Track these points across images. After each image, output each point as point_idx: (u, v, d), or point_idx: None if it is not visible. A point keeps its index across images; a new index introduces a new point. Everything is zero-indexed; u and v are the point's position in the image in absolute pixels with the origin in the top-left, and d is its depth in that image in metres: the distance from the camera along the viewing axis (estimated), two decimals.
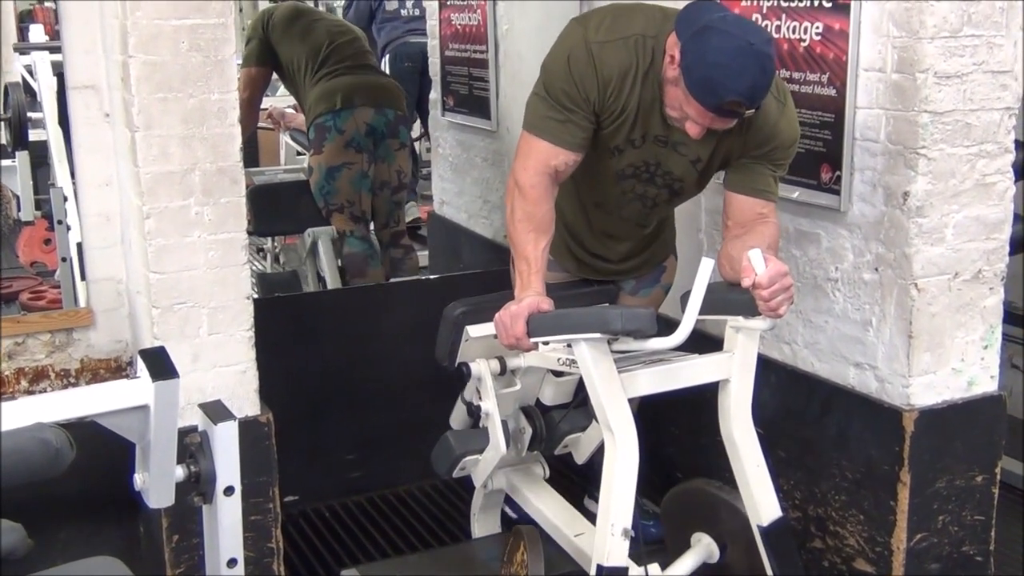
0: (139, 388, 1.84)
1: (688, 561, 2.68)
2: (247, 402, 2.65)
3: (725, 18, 2.32)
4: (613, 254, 2.90)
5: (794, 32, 2.77)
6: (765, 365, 2.71)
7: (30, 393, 2.69)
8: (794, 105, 2.57)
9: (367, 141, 4.41)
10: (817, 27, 2.70)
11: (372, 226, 4.65)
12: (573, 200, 2.80)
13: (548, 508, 2.89)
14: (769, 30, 2.83)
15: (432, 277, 4.45)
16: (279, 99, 6.31)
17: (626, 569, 2.38)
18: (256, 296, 2.99)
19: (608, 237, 2.86)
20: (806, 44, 2.74)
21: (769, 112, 2.46)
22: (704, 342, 2.54)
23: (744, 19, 2.40)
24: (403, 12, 6.69)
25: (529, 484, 3.00)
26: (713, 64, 2.26)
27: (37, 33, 5.52)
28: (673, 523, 2.83)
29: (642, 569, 2.50)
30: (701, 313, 2.32)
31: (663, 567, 2.60)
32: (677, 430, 3.36)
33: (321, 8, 7.21)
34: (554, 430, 2.93)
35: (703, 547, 2.70)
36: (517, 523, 2.98)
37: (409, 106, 6.03)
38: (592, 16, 2.54)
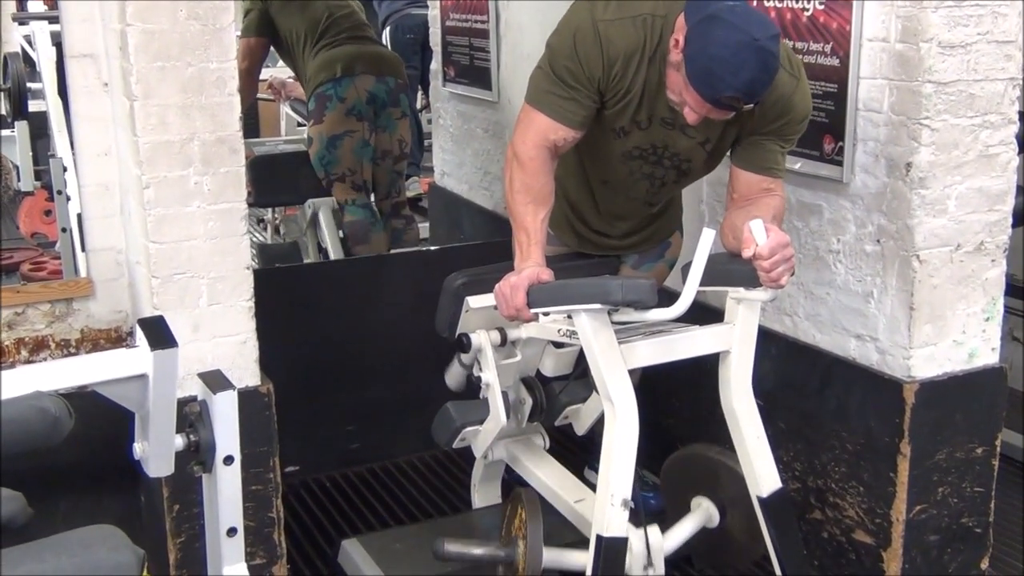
0: (138, 357, 1.84)
1: (688, 525, 2.68)
2: (247, 372, 2.65)
3: (733, 8, 2.25)
4: (616, 231, 2.88)
5: (797, 1, 2.75)
6: (766, 337, 2.71)
7: (30, 363, 2.69)
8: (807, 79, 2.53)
9: (368, 109, 4.40)
10: None
11: (373, 196, 4.64)
12: (578, 177, 2.77)
13: (548, 476, 2.89)
14: (773, 0, 2.81)
15: (432, 248, 4.44)
16: (280, 69, 6.28)
17: (626, 539, 2.39)
18: (256, 267, 2.99)
19: (614, 215, 2.83)
20: (809, 14, 2.72)
21: (783, 87, 2.42)
22: (705, 314, 2.53)
23: (753, 10, 2.32)
24: None
25: (529, 454, 3.00)
26: (714, 57, 2.22)
27: (36, 3, 5.49)
28: (673, 488, 2.83)
29: (642, 531, 2.50)
30: (702, 284, 2.31)
31: (663, 531, 2.60)
32: (678, 401, 3.36)
33: None
34: (554, 401, 2.93)
35: (703, 511, 2.70)
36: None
37: (412, 78, 6.00)
38: None
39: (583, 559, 2.46)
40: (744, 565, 2.65)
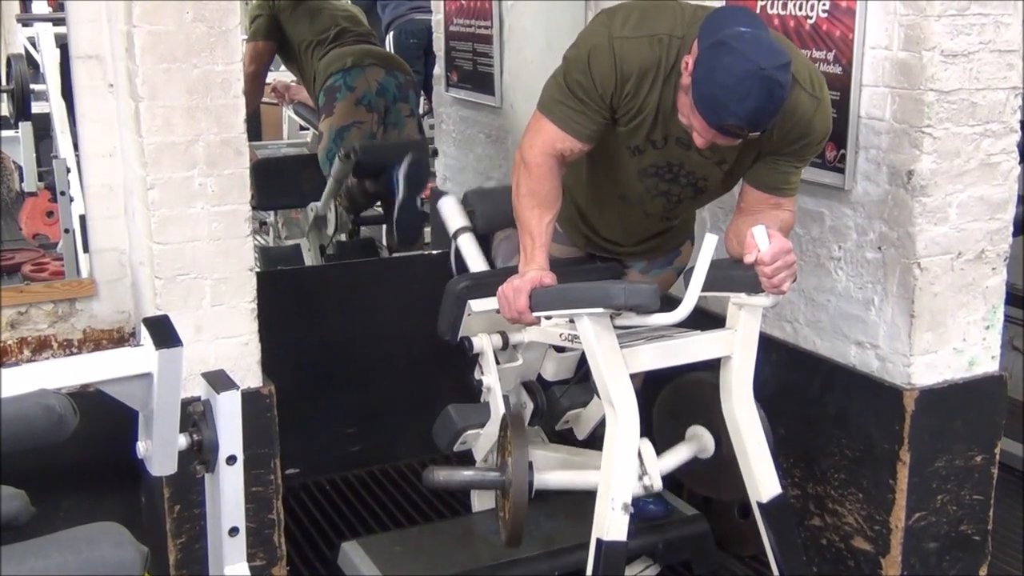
0: (143, 356, 1.85)
1: (682, 451, 2.65)
2: (249, 374, 2.65)
3: (743, 35, 2.23)
4: (627, 240, 2.87)
5: (801, 9, 2.76)
6: (767, 343, 2.71)
7: (32, 362, 2.69)
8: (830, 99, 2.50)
9: (378, 101, 4.41)
10: (824, 4, 2.69)
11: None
12: (589, 190, 2.76)
13: (548, 452, 2.89)
14: (776, 7, 2.82)
15: (435, 252, 4.44)
16: (283, 74, 6.29)
17: (625, 543, 2.40)
18: (258, 269, 3.00)
19: (629, 229, 2.82)
20: (812, 21, 2.74)
21: (803, 109, 2.40)
22: (707, 319, 2.54)
23: (764, 38, 2.26)
24: None
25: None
26: (719, 84, 2.20)
27: (40, 5, 5.51)
28: (668, 416, 2.79)
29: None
30: (704, 289, 2.32)
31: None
32: None
33: None
34: (555, 405, 2.93)
35: (697, 440, 2.67)
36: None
37: (415, 84, 6.00)
38: (620, 10, 2.46)
39: (569, 477, 2.47)
40: (737, 494, 2.61)
